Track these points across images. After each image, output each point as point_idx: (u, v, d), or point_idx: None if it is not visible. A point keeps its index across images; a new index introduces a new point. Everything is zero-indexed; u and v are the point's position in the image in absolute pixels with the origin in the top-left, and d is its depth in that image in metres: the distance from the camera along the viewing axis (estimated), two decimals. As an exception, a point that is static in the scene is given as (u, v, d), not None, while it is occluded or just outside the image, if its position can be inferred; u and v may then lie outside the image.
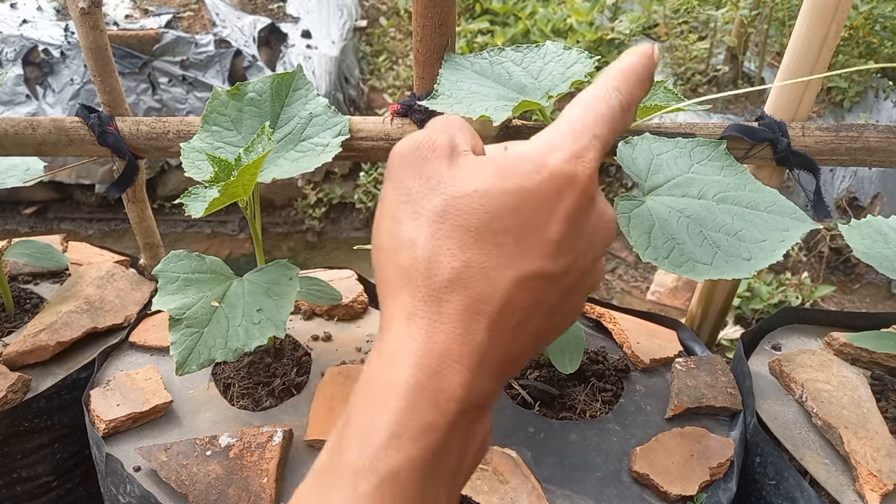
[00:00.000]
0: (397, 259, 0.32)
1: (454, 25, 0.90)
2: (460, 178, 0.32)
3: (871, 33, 2.43)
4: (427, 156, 0.33)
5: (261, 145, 0.74)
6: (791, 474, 0.81)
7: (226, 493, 0.77)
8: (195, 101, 2.78)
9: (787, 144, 0.90)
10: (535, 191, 0.31)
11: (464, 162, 0.33)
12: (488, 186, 0.31)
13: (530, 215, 0.31)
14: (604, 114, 0.34)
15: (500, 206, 0.31)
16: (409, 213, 0.32)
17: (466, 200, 0.31)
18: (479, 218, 0.31)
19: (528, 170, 0.32)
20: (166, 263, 0.81)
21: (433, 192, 0.32)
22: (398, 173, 0.34)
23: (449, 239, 0.31)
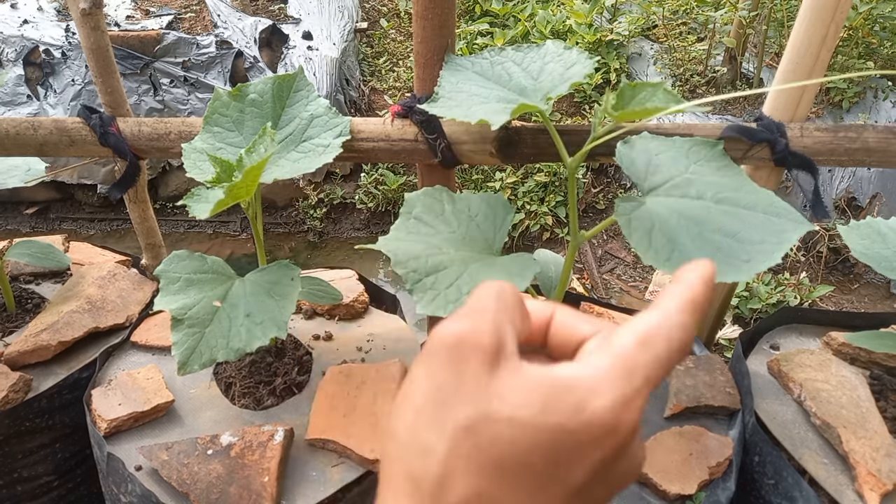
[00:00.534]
0: (409, 461, 0.30)
1: (454, 27, 0.91)
2: (497, 396, 0.29)
3: (870, 34, 2.43)
4: (469, 355, 0.30)
5: (263, 146, 0.75)
6: (790, 473, 0.81)
7: (227, 492, 0.77)
8: (196, 102, 2.78)
9: (786, 145, 0.90)
10: (573, 433, 0.29)
11: (506, 374, 0.30)
12: (526, 419, 0.29)
13: (560, 457, 0.29)
14: (661, 356, 0.30)
15: (532, 442, 0.29)
16: (433, 414, 0.30)
17: (499, 426, 0.29)
18: (504, 448, 0.29)
19: (571, 407, 0.29)
20: (168, 264, 0.81)
21: (465, 400, 0.29)
22: (434, 361, 0.31)
23: (468, 460, 0.29)
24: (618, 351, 0.30)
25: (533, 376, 0.30)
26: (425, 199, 0.82)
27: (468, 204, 0.83)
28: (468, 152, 0.95)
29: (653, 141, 0.80)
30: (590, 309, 1.12)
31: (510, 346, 0.31)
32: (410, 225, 0.79)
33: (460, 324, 0.31)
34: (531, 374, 0.30)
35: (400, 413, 0.31)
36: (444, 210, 0.82)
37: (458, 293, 0.66)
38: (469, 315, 0.31)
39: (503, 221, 0.81)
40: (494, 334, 0.31)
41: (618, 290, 2.46)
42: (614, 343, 0.30)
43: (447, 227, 0.79)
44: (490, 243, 0.79)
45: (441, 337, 0.31)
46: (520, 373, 0.30)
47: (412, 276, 0.69)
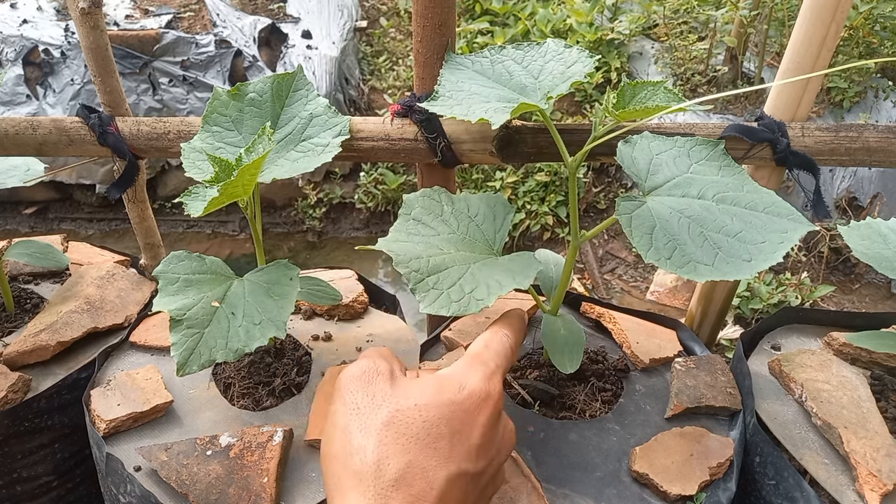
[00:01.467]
0: (349, 464, 0.38)
1: (454, 26, 0.91)
2: (402, 395, 0.41)
3: (870, 33, 2.43)
4: (373, 378, 0.42)
5: (261, 146, 0.74)
6: (791, 474, 0.81)
7: (226, 493, 0.77)
8: (196, 101, 2.78)
9: (787, 145, 0.90)
10: (461, 403, 0.40)
11: (402, 382, 0.42)
12: (427, 401, 0.40)
13: (458, 424, 0.40)
14: (499, 350, 0.47)
15: (436, 416, 0.39)
16: (358, 425, 0.39)
17: (408, 412, 0.39)
18: (419, 426, 0.39)
19: (455, 388, 0.41)
20: (167, 264, 0.81)
21: (379, 406, 0.40)
22: (348, 392, 0.42)
23: (394, 444, 0.38)
24: (472, 353, 0.46)
25: (423, 378, 0.42)
26: (424, 201, 0.82)
27: (467, 204, 0.83)
28: (468, 151, 0.95)
29: (654, 140, 0.79)
30: (590, 309, 1.12)
31: (398, 370, 0.44)
32: (410, 226, 0.79)
33: (361, 364, 0.44)
34: (422, 378, 0.43)
35: (330, 437, 0.41)
36: (444, 211, 0.81)
37: (460, 293, 0.66)
38: (363, 358, 0.45)
39: (503, 221, 0.81)
40: (385, 361, 0.44)
41: (619, 291, 2.46)
42: (468, 351, 0.46)
43: (447, 228, 0.79)
44: (490, 243, 0.79)
45: (349, 374, 0.43)
46: (413, 380, 0.42)
47: (414, 275, 0.68)
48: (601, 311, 1.10)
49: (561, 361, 0.83)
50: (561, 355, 0.84)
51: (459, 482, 0.38)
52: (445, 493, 0.37)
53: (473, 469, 0.39)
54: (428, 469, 0.37)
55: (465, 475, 0.39)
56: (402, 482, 0.37)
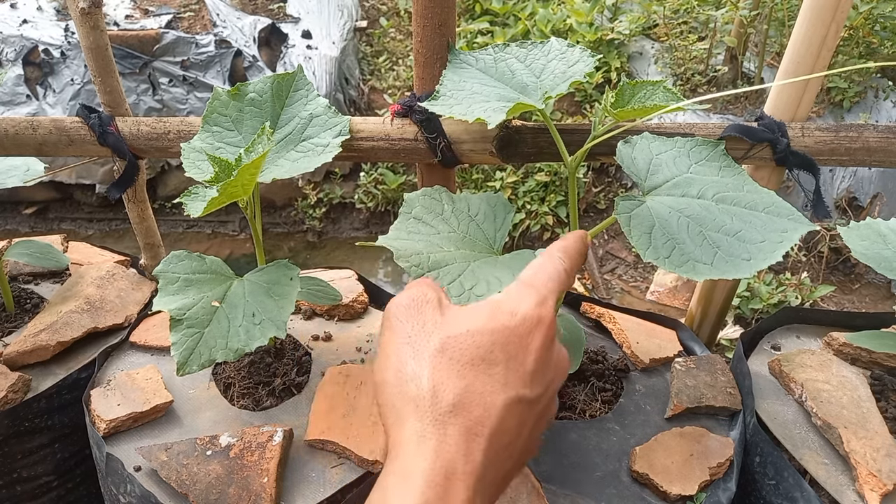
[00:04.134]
0: (405, 390, 0.38)
1: (454, 26, 0.91)
2: (453, 322, 0.40)
3: (870, 33, 2.43)
4: (421, 306, 0.41)
5: (260, 145, 0.74)
6: (791, 474, 0.81)
7: (226, 493, 0.77)
8: (196, 101, 2.78)
9: (787, 145, 0.90)
10: (515, 328, 0.39)
11: (452, 309, 0.41)
12: (479, 326, 0.39)
13: (513, 349, 0.39)
14: (552, 274, 0.44)
15: (490, 342, 0.38)
16: (411, 353, 0.39)
17: (461, 339, 0.38)
18: (473, 352, 0.38)
19: (507, 314, 0.40)
20: (167, 264, 0.81)
21: (430, 334, 0.39)
22: (396, 321, 0.41)
23: (449, 370, 0.37)
24: (522, 279, 0.44)
25: (473, 305, 0.42)
26: (425, 200, 0.82)
27: (468, 204, 0.83)
28: (468, 151, 0.95)
29: (654, 140, 0.79)
30: (590, 309, 1.12)
31: (445, 300, 0.43)
32: (410, 224, 0.79)
33: (408, 293, 0.42)
34: (472, 305, 0.42)
35: (384, 366, 0.40)
36: (444, 210, 0.81)
37: (460, 289, 0.66)
38: (410, 288, 0.43)
39: (503, 221, 0.81)
40: (433, 290, 0.43)
41: (619, 291, 2.46)
42: (520, 277, 0.44)
43: (447, 227, 0.79)
44: (491, 243, 0.79)
45: (397, 303, 0.42)
46: (462, 307, 0.42)
47: (415, 270, 0.69)
48: (601, 311, 1.10)
49: (561, 361, 0.83)
50: (561, 355, 0.83)
51: (517, 408, 0.38)
52: (503, 418, 0.37)
53: (530, 395, 0.39)
54: (485, 394, 0.37)
55: (522, 401, 0.38)
56: (459, 408, 0.36)
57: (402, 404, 0.38)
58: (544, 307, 0.41)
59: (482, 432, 0.36)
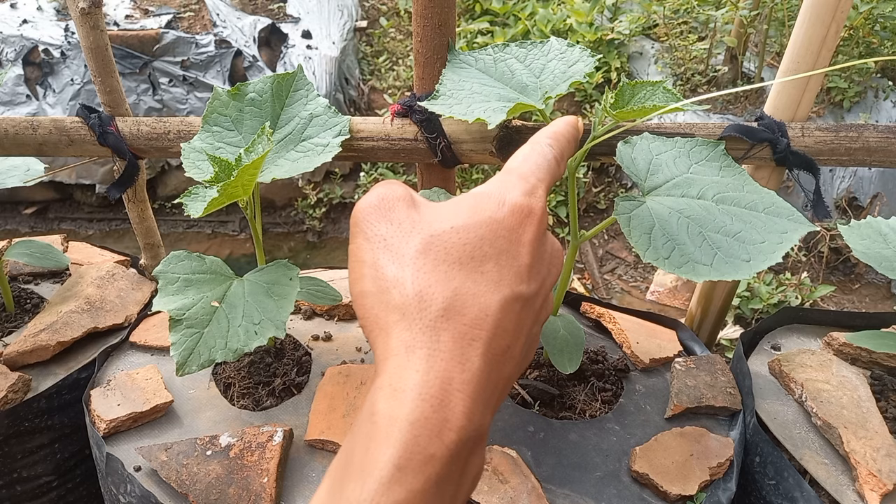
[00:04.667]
0: (387, 299, 0.33)
1: (454, 26, 0.91)
2: (433, 218, 0.35)
3: (871, 33, 2.43)
4: (393, 205, 0.36)
5: (260, 145, 0.74)
6: (791, 474, 0.81)
7: (226, 493, 0.77)
8: (196, 101, 2.78)
9: (787, 145, 0.90)
10: (503, 220, 0.35)
11: (429, 206, 0.36)
12: (464, 221, 0.34)
13: (503, 243, 0.35)
14: (541, 162, 0.40)
15: (477, 237, 0.34)
16: (389, 257, 0.34)
17: (445, 236, 0.34)
18: (459, 250, 0.34)
19: (494, 205, 0.35)
20: (167, 264, 0.81)
21: (408, 234, 0.34)
22: (367, 225, 0.36)
23: (435, 272, 0.33)
24: (509, 167, 0.39)
25: (454, 199, 0.37)
26: (425, 199, 0.82)
27: (468, 204, 0.83)
28: (468, 151, 0.95)
29: (654, 140, 0.79)
30: (590, 309, 1.12)
31: (417, 197, 0.38)
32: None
33: (375, 192, 0.37)
34: (452, 199, 0.37)
35: (359, 276, 0.36)
36: (444, 210, 0.81)
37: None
38: (376, 188, 0.38)
39: (503, 221, 0.81)
40: (401, 187, 0.37)
41: (619, 291, 2.46)
42: (506, 166, 0.40)
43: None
44: (490, 243, 0.79)
45: (363, 205, 0.37)
46: (440, 203, 0.37)
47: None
48: (601, 311, 1.10)
49: (561, 361, 0.83)
50: (561, 355, 0.84)
51: (514, 306, 0.34)
52: (501, 319, 0.33)
53: (527, 291, 0.35)
54: (478, 294, 0.33)
55: (518, 298, 0.35)
56: (451, 312, 0.32)
57: (385, 314, 0.33)
58: (534, 196, 0.37)
59: (478, 336, 0.33)
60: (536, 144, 0.41)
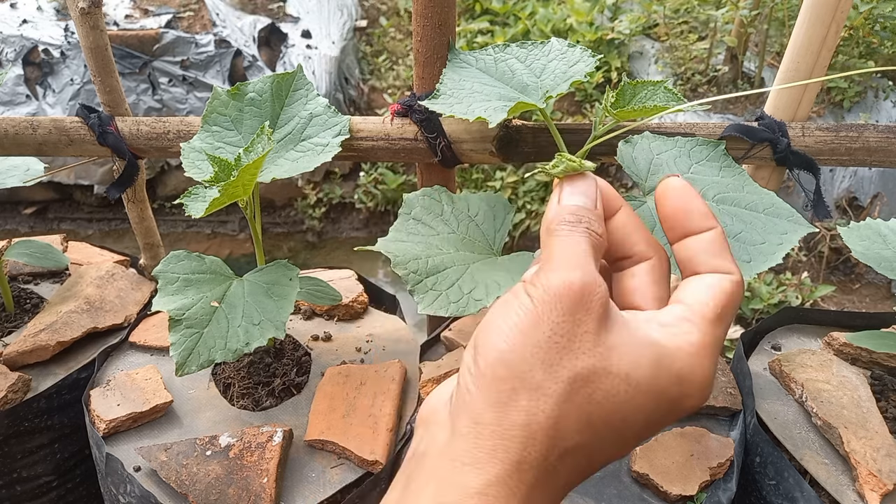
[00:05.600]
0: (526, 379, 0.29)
1: (454, 25, 0.91)
2: (615, 352, 0.30)
3: (871, 33, 2.43)
4: (589, 304, 0.30)
5: (260, 145, 0.74)
6: (791, 474, 0.81)
7: (226, 493, 0.77)
8: (195, 101, 2.78)
9: (787, 144, 0.90)
10: (672, 400, 0.30)
11: (617, 329, 0.30)
12: (640, 379, 0.30)
13: (655, 417, 0.31)
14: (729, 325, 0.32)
15: (642, 403, 0.30)
16: (549, 355, 0.29)
17: (615, 381, 0.29)
18: (618, 406, 0.30)
19: (674, 378, 0.30)
20: (166, 264, 0.81)
21: (584, 349, 0.30)
22: (554, 306, 0.30)
23: (580, 409, 0.29)
24: (704, 327, 0.31)
25: (641, 336, 0.31)
26: (424, 200, 0.82)
27: (467, 204, 0.83)
28: (468, 151, 0.95)
29: (654, 140, 0.79)
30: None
31: (611, 300, 0.32)
32: (409, 226, 0.79)
33: (582, 274, 0.31)
34: (639, 334, 0.31)
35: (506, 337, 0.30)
36: (444, 211, 0.81)
37: (459, 293, 0.66)
38: (585, 268, 0.31)
39: (503, 221, 0.81)
40: (603, 286, 0.31)
41: (618, 290, 2.46)
42: (699, 312, 0.31)
43: (447, 228, 0.79)
44: (490, 243, 0.79)
45: (564, 281, 0.30)
46: (628, 330, 0.31)
47: (413, 276, 0.69)
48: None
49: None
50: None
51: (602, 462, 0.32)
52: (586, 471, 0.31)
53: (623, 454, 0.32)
54: (595, 453, 0.30)
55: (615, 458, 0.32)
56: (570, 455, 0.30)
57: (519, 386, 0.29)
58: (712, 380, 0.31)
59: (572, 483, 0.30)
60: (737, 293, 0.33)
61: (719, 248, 0.33)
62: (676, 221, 0.35)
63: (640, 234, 0.35)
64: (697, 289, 0.32)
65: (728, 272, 0.32)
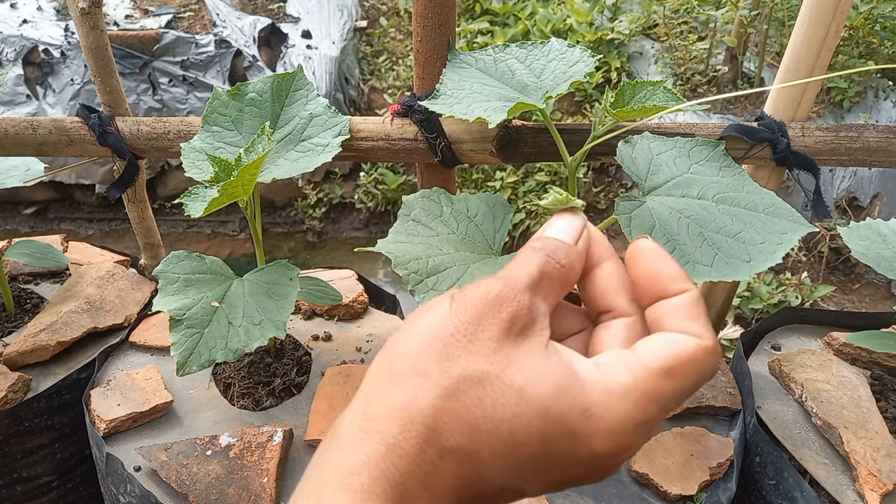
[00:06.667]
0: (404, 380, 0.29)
1: (454, 26, 0.91)
2: (515, 364, 0.28)
3: (870, 33, 2.43)
4: (498, 313, 0.29)
5: (260, 145, 0.74)
6: (791, 474, 0.81)
7: (226, 493, 0.77)
8: (195, 101, 2.78)
9: (787, 144, 0.90)
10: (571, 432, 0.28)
11: (530, 348, 0.29)
12: (534, 396, 0.28)
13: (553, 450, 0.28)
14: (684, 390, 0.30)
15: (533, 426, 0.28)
16: (446, 350, 0.29)
17: (506, 391, 0.28)
18: (505, 418, 0.28)
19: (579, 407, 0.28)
20: (167, 264, 0.81)
21: (479, 353, 0.29)
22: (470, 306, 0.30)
23: (466, 411, 0.28)
24: (642, 372, 0.29)
25: (554, 361, 0.29)
26: (423, 202, 0.82)
27: (467, 205, 0.83)
28: (468, 151, 0.95)
29: (654, 140, 0.79)
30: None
31: (540, 323, 0.30)
32: (409, 227, 0.79)
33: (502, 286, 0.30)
34: (553, 359, 0.29)
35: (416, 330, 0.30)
36: (443, 211, 0.81)
37: (458, 294, 0.66)
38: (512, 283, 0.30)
39: (503, 221, 0.81)
40: (527, 309, 0.30)
41: (618, 290, 2.46)
42: (642, 359, 0.29)
43: (446, 229, 0.79)
44: (490, 244, 0.79)
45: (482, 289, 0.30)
46: (543, 353, 0.29)
47: (413, 277, 0.69)
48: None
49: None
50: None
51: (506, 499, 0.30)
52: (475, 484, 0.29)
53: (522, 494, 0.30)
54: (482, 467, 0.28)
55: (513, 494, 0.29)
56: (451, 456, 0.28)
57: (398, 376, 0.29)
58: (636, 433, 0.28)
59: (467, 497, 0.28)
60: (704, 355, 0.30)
61: (691, 311, 0.31)
62: (647, 285, 0.33)
63: (623, 291, 0.34)
64: (654, 341, 0.30)
65: (697, 336, 0.30)
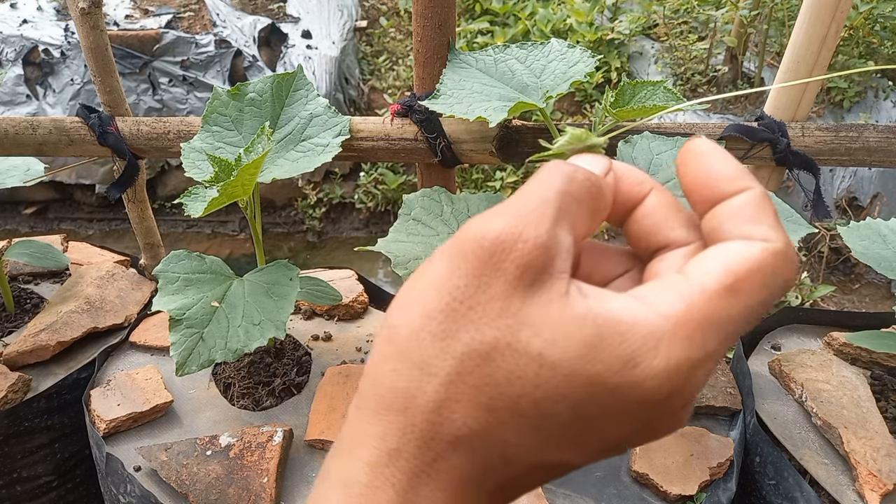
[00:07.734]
0: (399, 371, 0.24)
1: (454, 26, 0.91)
2: (529, 324, 0.23)
3: (871, 33, 2.43)
4: (500, 264, 0.23)
5: (260, 145, 0.74)
6: (791, 474, 0.81)
7: (226, 493, 0.77)
8: (195, 101, 2.78)
9: (787, 144, 0.90)
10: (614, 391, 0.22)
11: (546, 299, 0.23)
12: (559, 361, 0.22)
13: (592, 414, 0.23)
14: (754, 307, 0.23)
15: (563, 392, 0.22)
16: (443, 325, 0.23)
17: (523, 361, 0.22)
18: (528, 392, 0.22)
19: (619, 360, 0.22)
20: (166, 264, 0.81)
21: (482, 320, 0.23)
22: (462, 260, 0.24)
23: (477, 392, 0.23)
24: (698, 296, 0.22)
25: (579, 309, 0.23)
26: (424, 201, 0.82)
27: (467, 204, 0.83)
28: (468, 151, 0.95)
29: (654, 140, 0.79)
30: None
31: (561, 262, 0.23)
32: (409, 226, 0.79)
33: (504, 223, 0.23)
34: (577, 306, 0.23)
35: (406, 307, 0.24)
36: (443, 211, 0.81)
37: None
38: (520, 213, 0.23)
39: (503, 221, 0.81)
40: (543, 247, 0.23)
41: (618, 290, 2.46)
42: (695, 280, 0.23)
43: (447, 228, 0.79)
44: (490, 243, 0.79)
45: (477, 232, 0.24)
46: (564, 301, 0.23)
47: (412, 276, 0.68)
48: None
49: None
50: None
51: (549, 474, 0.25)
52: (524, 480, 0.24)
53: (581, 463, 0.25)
54: (508, 447, 0.23)
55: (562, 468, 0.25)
56: (465, 445, 0.23)
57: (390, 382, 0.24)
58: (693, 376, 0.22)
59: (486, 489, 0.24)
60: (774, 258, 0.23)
61: (754, 212, 0.23)
62: (699, 191, 0.25)
63: (676, 218, 0.27)
64: (709, 256, 0.23)
65: (763, 239, 0.23)
